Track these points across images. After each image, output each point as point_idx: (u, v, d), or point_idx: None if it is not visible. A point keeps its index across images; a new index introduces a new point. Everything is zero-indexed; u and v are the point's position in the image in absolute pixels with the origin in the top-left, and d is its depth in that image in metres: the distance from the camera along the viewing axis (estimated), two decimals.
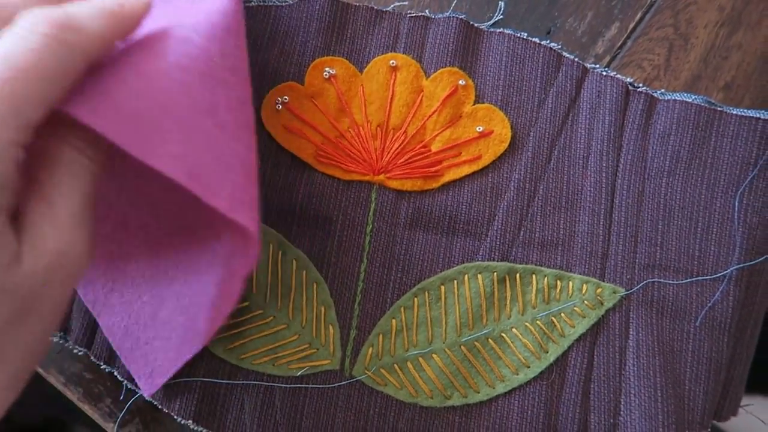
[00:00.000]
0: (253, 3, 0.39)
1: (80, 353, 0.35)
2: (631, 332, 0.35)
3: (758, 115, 0.36)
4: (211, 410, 0.34)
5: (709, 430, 0.35)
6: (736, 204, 0.35)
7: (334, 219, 0.36)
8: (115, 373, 0.35)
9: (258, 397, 0.34)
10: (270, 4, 0.39)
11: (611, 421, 0.34)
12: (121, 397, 0.35)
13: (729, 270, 0.35)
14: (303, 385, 0.34)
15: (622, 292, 0.35)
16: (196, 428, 0.34)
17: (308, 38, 0.38)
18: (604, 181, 0.36)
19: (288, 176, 0.37)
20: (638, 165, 0.36)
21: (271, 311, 0.35)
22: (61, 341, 0.35)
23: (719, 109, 0.36)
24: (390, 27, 0.38)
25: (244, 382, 0.34)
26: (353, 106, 0.37)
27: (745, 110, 0.37)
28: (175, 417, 0.34)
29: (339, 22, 0.38)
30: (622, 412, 0.34)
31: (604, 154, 0.36)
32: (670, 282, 0.35)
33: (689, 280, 0.35)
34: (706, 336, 0.35)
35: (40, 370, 0.36)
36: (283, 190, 0.37)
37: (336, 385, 0.34)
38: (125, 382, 0.34)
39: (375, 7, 0.39)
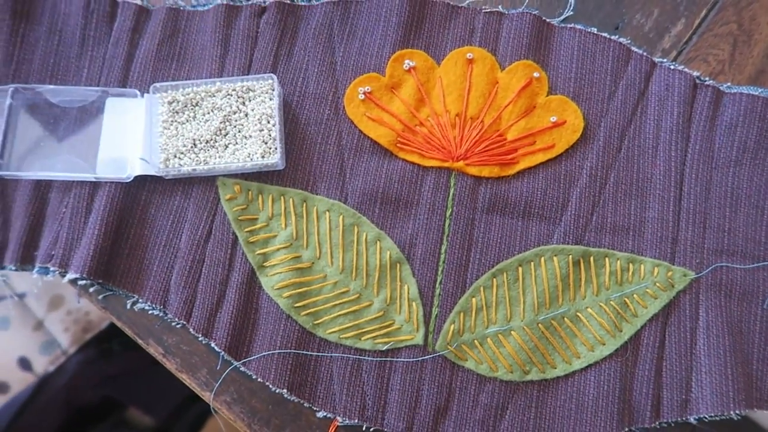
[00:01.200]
0: None
1: (178, 326, 0.38)
2: (701, 313, 0.36)
3: None
4: (303, 380, 0.36)
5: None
6: None
7: (415, 203, 0.38)
8: (213, 344, 0.37)
9: (346, 369, 0.36)
10: None
11: (683, 397, 0.35)
12: (218, 367, 0.37)
13: None
14: (390, 359, 0.36)
15: (692, 275, 0.37)
16: (289, 397, 0.36)
17: (388, 32, 0.40)
18: (673, 169, 0.38)
19: (370, 162, 0.39)
20: (706, 155, 0.38)
21: (357, 288, 0.37)
22: (160, 314, 0.38)
23: None
24: (465, 21, 0.40)
25: (335, 354, 0.36)
26: (432, 97, 0.39)
27: None
28: (270, 386, 0.36)
29: (417, 17, 0.40)
30: (693, 389, 0.35)
31: (673, 144, 0.38)
32: (738, 266, 0.37)
33: (757, 264, 0.37)
34: None
35: (141, 341, 0.38)
36: (366, 175, 0.39)
37: (420, 359, 0.36)
38: (222, 353, 0.36)
39: (451, 3, 0.41)
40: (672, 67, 0.39)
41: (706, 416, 0.35)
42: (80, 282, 0.37)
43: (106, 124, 0.39)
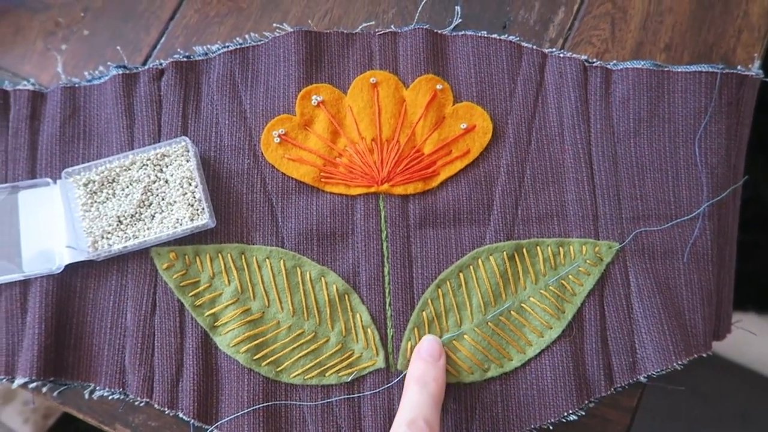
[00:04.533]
0: (230, 47, 0.41)
1: (142, 404, 0.37)
2: (631, 279, 0.39)
3: (700, 69, 0.41)
4: (278, 428, 0.37)
5: (711, 350, 0.39)
6: (697, 150, 0.40)
7: (351, 232, 0.39)
8: (180, 415, 0.37)
9: (318, 409, 0.37)
10: (247, 45, 0.41)
11: (630, 359, 0.38)
12: None
13: (702, 208, 0.40)
14: (359, 395, 0.37)
15: (616, 246, 0.39)
16: None
17: (290, 71, 0.41)
18: (581, 151, 0.40)
19: (299, 201, 0.39)
20: (607, 131, 0.41)
21: (312, 327, 0.38)
22: (121, 397, 0.37)
23: (666, 69, 0.41)
24: (363, 47, 0.42)
25: (307, 403, 0.37)
26: (345, 126, 0.40)
27: (688, 66, 0.41)
28: None
29: (315, 51, 0.41)
30: (638, 350, 0.38)
31: (576, 127, 0.41)
32: (655, 228, 0.40)
33: (670, 224, 0.40)
34: (694, 268, 0.39)
35: (107, 428, 0.37)
36: (298, 215, 0.39)
37: (388, 386, 0.37)
38: (192, 421, 0.37)
39: (345, 31, 0.42)
40: (561, 54, 0.42)
41: (654, 372, 0.38)
42: (31, 385, 0.37)
43: (23, 219, 0.38)
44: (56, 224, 0.38)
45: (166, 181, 0.38)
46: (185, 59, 0.41)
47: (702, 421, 0.79)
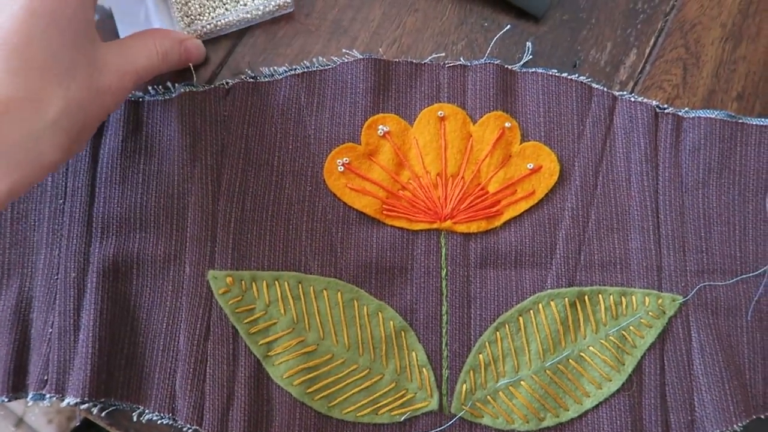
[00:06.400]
0: (297, 71, 0.40)
1: (190, 431, 0.37)
2: (693, 334, 0.38)
3: None
4: None
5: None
6: (767, 205, 0.39)
7: (410, 268, 0.39)
8: None
9: None
10: (314, 69, 0.41)
11: (689, 417, 0.37)
12: None
13: None
14: (408, 429, 0.37)
15: (680, 299, 0.38)
16: None
17: (357, 99, 0.40)
18: (647, 199, 0.40)
19: (359, 233, 0.39)
20: (675, 180, 0.40)
21: (366, 363, 0.37)
22: (170, 422, 0.37)
23: (740, 121, 0.40)
24: (431, 78, 0.41)
25: None
26: (410, 159, 0.40)
27: (762, 119, 0.41)
28: None
29: (383, 80, 0.40)
30: (697, 408, 0.37)
31: (644, 174, 0.40)
32: (720, 283, 0.39)
33: (735, 279, 0.39)
34: (756, 327, 0.39)
35: None
36: (357, 247, 0.39)
37: (440, 429, 0.37)
38: None
39: (414, 61, 0.41)
40: (632, 99, 0.41)
41: None
42: (82, 406, 0.36)
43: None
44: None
45: None
46: (251, 80, 0.40)
47: None
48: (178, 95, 0.40)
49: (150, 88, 0.41)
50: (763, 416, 0.38)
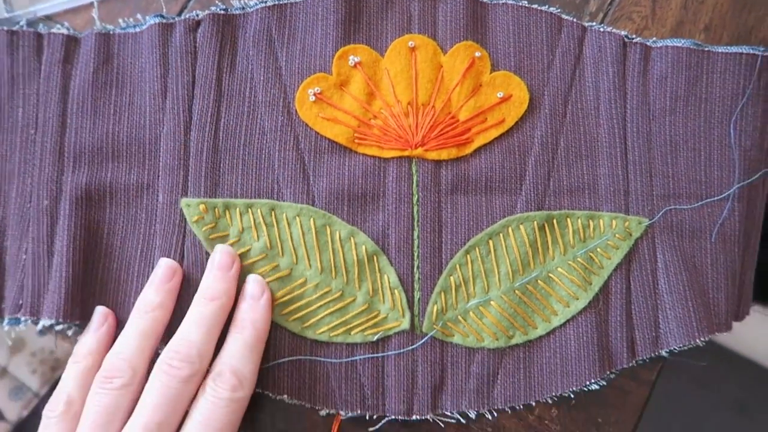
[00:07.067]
0: (268, 3, 0.41)
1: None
2: (658, 255, 0.39)
3: (740, 51, 0.40)
4: (301, 383, 0.37)
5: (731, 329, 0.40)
6: (731, 131, 0.40)
7: (382, 194, 0.39)
8: None
9: (342, 366, 0.37)
10: (285, 2, 0.41)
11: (653, 334, 0.38)
12: None
13: (732, 189, 0.40)
14: (384, 354, 0.38)
15: (646, 222, 0.39)
16: (290, 401, 0.37)
17: (328, 30, 0.40)
18: (616, 126, 0.40)
19: (331, 161, 0.39)
20: (643, 108, 0.41)
21: (339, 286, 0.38)
22: None
23: (706, 49, 0.41)
24: (402, 10, 0.41)
25: (331, 360, 0.37)
26: (381, 89, 0.40)
27: (728, 47, 0.41)
28: (270, 394, 0.37)
29: (354, 12, 0.41)
30: (661, 325, 0.38)
31: (612, 102, 0.40)
32: (685, 207, 0.40)
33: (700, 203, 0.40)
34: (720, 249, 0.40)
35: None
36: (330, 174, 0.39)
37: (412, 347, 0.38)
38: None
39: None
40: (601, 29, 0.41)
41: (676, 348, 0.38)
42: (57, 327, 0.37)
43: None
44: None
45: None
46: (222, 12, 0.40)
47: (702, 407, 0.80)
48: (148, 27, 0.40)
49: (120, 20, 0.41)
50: (724, 333, 0.39)
